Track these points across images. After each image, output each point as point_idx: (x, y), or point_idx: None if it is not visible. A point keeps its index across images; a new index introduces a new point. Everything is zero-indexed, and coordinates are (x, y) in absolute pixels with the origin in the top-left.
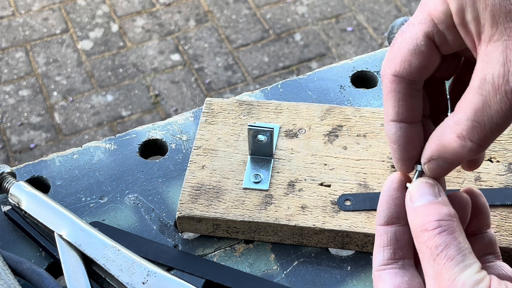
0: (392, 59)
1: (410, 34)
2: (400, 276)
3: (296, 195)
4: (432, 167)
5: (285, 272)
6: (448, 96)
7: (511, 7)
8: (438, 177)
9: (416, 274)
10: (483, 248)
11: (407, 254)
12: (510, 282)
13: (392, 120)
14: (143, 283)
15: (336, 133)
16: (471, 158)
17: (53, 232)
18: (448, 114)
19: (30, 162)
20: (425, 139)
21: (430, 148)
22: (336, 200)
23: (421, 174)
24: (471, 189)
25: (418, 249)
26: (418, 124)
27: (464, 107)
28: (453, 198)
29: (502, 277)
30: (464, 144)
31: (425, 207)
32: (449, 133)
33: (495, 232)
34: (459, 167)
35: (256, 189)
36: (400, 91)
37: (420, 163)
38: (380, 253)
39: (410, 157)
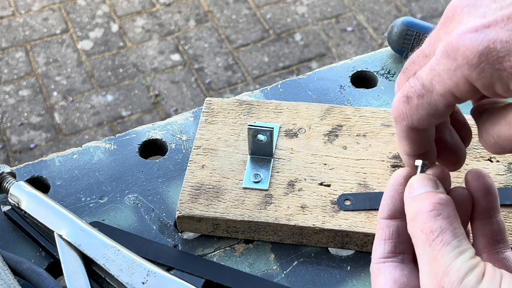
0: (408, 115)
1: (429, 101)
2: (400, 270)
3: (296, 194)
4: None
5: (285, 272)
6: None
7: None
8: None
9: (415, 269)
10: (493, 234)
11: (407, 249)
12: (506, 272)
13: (408, 155)
14: (143, 283)
15: (336, 133)
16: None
17: (53, 232)
18: None
19: (30, 162)
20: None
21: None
22: (336, 199)
23: (423, 170)
24: (477, 171)
25: (412, 235)
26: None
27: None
28: (454, 193)
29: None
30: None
31: (422, 195)
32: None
33: None
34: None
35: (256, 189)
36: (414, 136)
37: (421, 159)
38: (381, 246)
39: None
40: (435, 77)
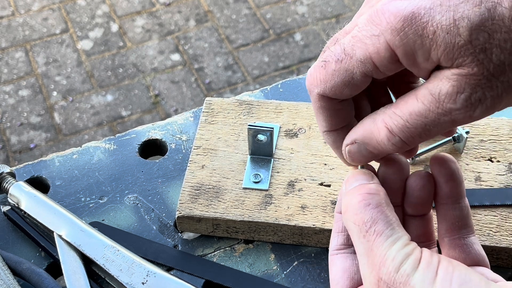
0: (322, 81)
1: (347, 67)
2: (351, 260)
3: (296, 195)
4: (352, 150)
5: (285, 272)
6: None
7: (462, 42)
8: (356, 164)
9: None
10: (455, 220)
11: None
12: (444, 257)
13: (326, 131)
14: (143, 283)
15: None
16: (393, 153)
17: (52, 232)
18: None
19: (30, 162)
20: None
21: (356, 131)
22: (336, 200)
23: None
24: (441, 156)
25: (347, 227)
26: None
27: (403, 106)
28: (414, 176)
29: (471, 259)
30: (391, 137)
31: (353, 189)
32: (380, 122)
33: (495, 232)
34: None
35: (256, 189)
36: (329, 107)
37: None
38: (335, 238)
39: None
40: (357, 43)
